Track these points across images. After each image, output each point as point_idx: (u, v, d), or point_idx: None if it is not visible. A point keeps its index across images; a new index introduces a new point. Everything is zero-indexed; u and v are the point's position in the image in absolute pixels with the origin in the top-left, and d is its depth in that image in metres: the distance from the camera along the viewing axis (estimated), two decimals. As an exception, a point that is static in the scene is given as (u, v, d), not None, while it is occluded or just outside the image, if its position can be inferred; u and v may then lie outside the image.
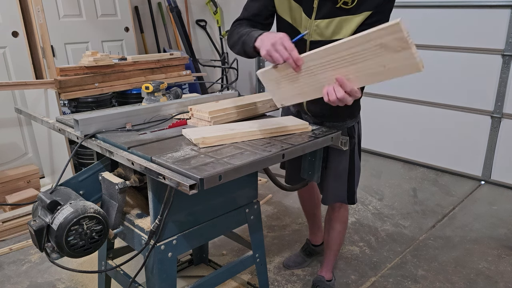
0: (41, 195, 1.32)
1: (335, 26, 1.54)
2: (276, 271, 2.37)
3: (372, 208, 3.10)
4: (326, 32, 1.56)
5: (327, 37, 1.56)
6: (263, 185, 3.41)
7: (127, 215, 1.52)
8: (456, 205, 3.14)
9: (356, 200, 2.01)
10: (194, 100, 1.90)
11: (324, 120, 1.82)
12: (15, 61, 3.20)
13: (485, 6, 3.24)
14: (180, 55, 3.45)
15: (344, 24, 1.53)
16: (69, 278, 2.30)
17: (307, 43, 1.62)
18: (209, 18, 5.27)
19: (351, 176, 1.92)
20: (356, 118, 1.86)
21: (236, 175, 1.29)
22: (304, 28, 1.59)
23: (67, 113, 3.08)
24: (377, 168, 3.84)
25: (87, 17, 3.78)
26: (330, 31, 1.55)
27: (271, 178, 1.90)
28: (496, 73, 3.28)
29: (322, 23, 1.55)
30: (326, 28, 1.55)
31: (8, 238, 2.69)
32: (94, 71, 2.95)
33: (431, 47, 3.56)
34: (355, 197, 1.99)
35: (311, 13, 1.56)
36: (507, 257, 2.50)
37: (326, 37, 1.56)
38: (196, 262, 2.30)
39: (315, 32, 1.58)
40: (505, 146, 3.37)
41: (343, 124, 1.82)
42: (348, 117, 1.82)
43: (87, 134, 1.53)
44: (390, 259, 2.48)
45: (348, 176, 1.91)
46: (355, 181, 1.95)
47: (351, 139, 1.84)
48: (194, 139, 1.45)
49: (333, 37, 1.55)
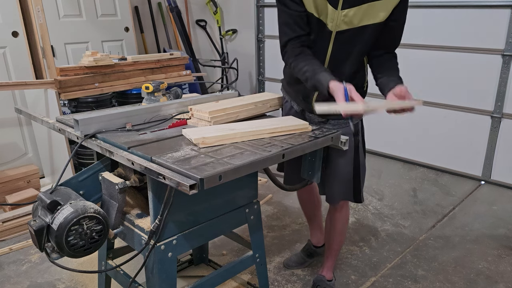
0: (41, 195, 1.32)
1: (362, 13, 1.57)
2: (276, 271, 2.37)
3: (372, 208, 3.10)
4: (354, 20, 1.59)
5: (355, 25, 1.60)
6: (263, 185, 3.41)
7: (127, 215, 1.52)
8: (456, 205, 3.14)
9: (363, 199, 2.01)
10: (194, 100, 1.90)
11: (329, 118, 1.84)
12: (15, 61, 3.20)
13: (485, 6, 3.24)
14: (180, 55, 3.45)
15: (371, 10, 1.56)
16: (69, 278, 2.30)
17: (333, 34, 1.64)
18: (209, 18, 5.27)
19: (356, 173, 1.92)
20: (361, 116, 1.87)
21: (236, 175, 1.29)
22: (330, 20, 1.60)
23: (67, 113, 3.08)
24: (377, 168, 3.84)
25: (87, 17, 3.78)
26: (358, 19, 1.58)
27: (271, 178, 1.90)
28: (496, 73, 3.28)
29: (350, 11, 1.57)
30: (355, 16, 1.58)
31: (8, 238, 2.69)
32: (94, 71, 2.96)
33: (431, 47, 3.56)
34: (362, 195, 1.99)
35: (337, 4, 1.58)
36: (507, 257, 2.50)
37: (354, 24, 1.60)
38: (196, 262, 2.30)
39: (343, 22, 1.60)
40: (505, 146, 3.37)
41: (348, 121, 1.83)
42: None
43: (87, 134, 1.53)
44: (390, 259, 2.48)
45: (353, 174, 1.92)
46: (361, 178, 1.96)
47: (356, 136, 1.86)
48: (194, 139, 1.45)
49: (361, 23, 1.59)
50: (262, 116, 1.88)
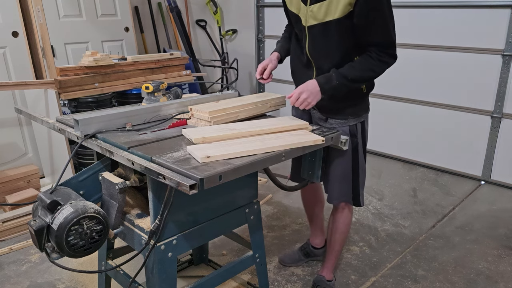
0: (41, 195, 1.32)
1: (325, 8, 1.67)
2: (276, 271, 2.37)
3: (372, 208, 3.10)
4: (319, 15, 1.69)
5: (320, 20, 1.70)
6: (263, 185, 3.41)
7: (127, 215, 1.52)
8: (456, 205, 3.14)
9: (363, 203, 2.01)
10: (194, 100, 1.90)
11: (329, 117, 1.87)
12: (15, 61, 3.20)
13: (485, 6, 3.24)
14: (180, 55, 3.45)
15: (331, 6, 1.65)
16: (69, 278, 2.30)
17: (306, 28, 1.77)
18: (209, 18, 5.27)
19: (355, 176, 1.93)
20: (360, 117, 1.88)
21: (236, 175, 1.29)
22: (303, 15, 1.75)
23: (67, 113, 3.08)
24: (377, 168, 3.84)
25: (87, 17, 3.78)
26: (322, 14, 1.68)
27: (271, 178, 1.90)
28: (496, 73, 3.28)
29: (315, 7, 1.69)
30: (318, 11, 1.68)
31: (8, 238, 2.69)
32: (94, 71, 2.96)
33: (431, 47, 3.56)
34: (361, 199, 1.99)
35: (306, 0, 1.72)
36: (507, 257, 2.50)
37: (320, 20, 1.70)
38: (196, 262, 2.30)
39: (311, 17, 1.72)
40: (505, 146, 3.37)
41: (346, 121, 1.85)
42: (350, 115, 1.85)
43: (87, 134, 1.53)
44: (390, 259, 2.48)
45: (352, 176, 1.92)
46: (360, 181, 1.95)
47: (353, 137, 1.86)
48: (194, 139, 1.45)
49: (325, 19, 1.68)
50: (262, 116, 1.88)
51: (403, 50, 3.81)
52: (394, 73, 3.77)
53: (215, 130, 1.54)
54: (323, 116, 1.89)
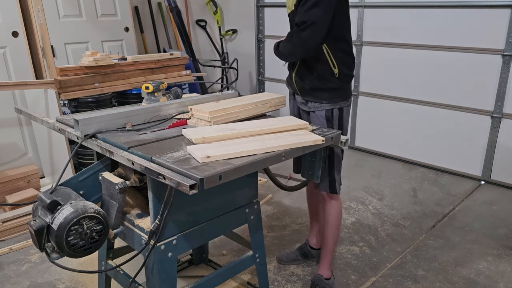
0: (41, 195, 1.32)
1: None
2: (276, 271, 2.37)
3: (372, 208, 3.10)
4: (289, 3, 1.93)
5: (290, 8, 1.93)
6: (263, 185, 3.41)
7: (127, 215, 1.52)
8: (456, 205, 3.14)
9: (339, 190, 2.04)
10: (194, 100, 1.90)
11: (308, 100, 2.00)
12: (15, 61, 3.20)
13: (485, 6, 3.24)
14: (180, 55, 3.45)
15: None
16: (69, 278, 2.30)
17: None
18: (209, 18, 5.27)
19: (330, 162, 1.97)
20: (336, 104, 1.94)
21: (236, 175, 1.29)
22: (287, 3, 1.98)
23: (67, 113, 3.08)
24: (377, 168, 3.84)
25: (87, 17, 3.78)
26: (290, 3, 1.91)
27: (271, 178, 1.90)
28: (496, 73, 3.28)
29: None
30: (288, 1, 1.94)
31: (8, 238, 2.69)
32: (94, 71, 2.96)
33: (431, 47, 3.56)
34: (337, 185, 2.02)
35: None
36: (507, 257, 2.50)
37: (290, 8, 1.93)
38: (196, 262, 2.30)
39: (287, 6, 1.96)
40: (505, 146, 3.37)
41: (321, 105, 1.94)
42: (325, 99, 1.94)
43: (87, 134, 1.53)
44: (390, 259, 2.48)
45: (329, 164, 1.96)
46: (335, 168, 1.99)
47: (328, 122, 1.95)
48: (194, 139, 1.45)
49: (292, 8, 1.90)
50: (262, 116, 1.88)
51: (403, 50, 3.82)
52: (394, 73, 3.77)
53: (215, 130, 1.54)
54: (303, 100, 2.01)
